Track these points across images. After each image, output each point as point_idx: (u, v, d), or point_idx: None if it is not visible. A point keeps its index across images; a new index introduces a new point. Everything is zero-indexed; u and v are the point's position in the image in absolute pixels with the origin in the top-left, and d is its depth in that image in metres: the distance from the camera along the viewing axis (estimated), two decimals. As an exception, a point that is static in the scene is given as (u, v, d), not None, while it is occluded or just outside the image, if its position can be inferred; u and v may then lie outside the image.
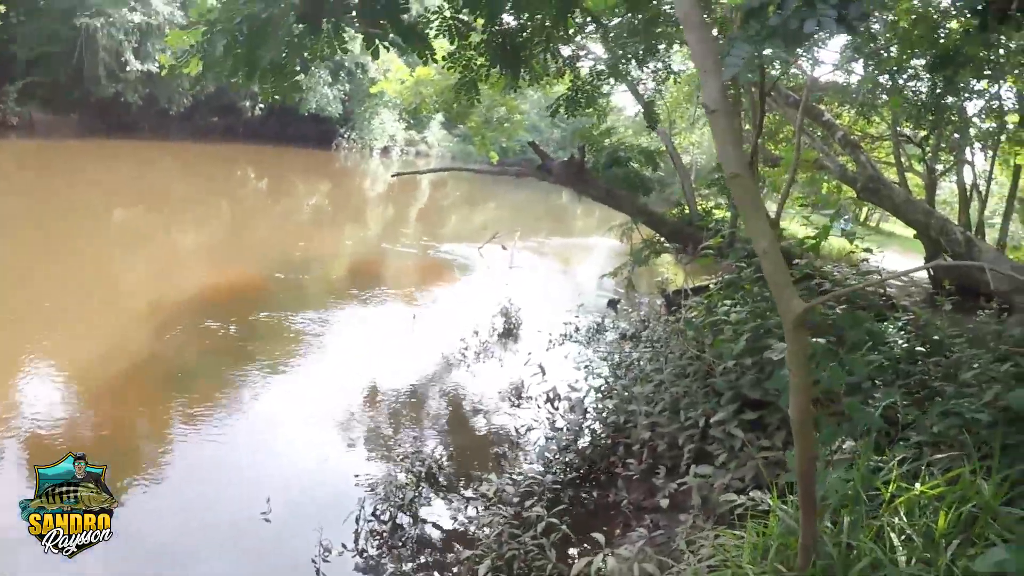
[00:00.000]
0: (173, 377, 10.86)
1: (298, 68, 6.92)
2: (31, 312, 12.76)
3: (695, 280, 15.08)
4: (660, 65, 13.80)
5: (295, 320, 13.90)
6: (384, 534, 7.14)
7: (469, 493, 8.05)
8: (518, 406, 10.89)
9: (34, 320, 12.44)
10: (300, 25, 6.28)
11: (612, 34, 11.89)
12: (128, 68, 40.70)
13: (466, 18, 8.65)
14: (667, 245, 16.27)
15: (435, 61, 8.65)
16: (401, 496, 7.45)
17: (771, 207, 17.53)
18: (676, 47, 14.51)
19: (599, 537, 6.03)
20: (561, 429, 9.53)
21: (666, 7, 11.73)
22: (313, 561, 6.66)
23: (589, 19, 11.53)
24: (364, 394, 11.01)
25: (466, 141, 61.54)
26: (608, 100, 15.80)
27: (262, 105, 49.31)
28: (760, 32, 3.57)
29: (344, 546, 6.88)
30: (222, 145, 47.62)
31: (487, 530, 6.75)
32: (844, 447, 5.47)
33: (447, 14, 8.36)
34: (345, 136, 59.42)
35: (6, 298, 13.58)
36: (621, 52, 11.85)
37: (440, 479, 8.28)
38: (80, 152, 37.07)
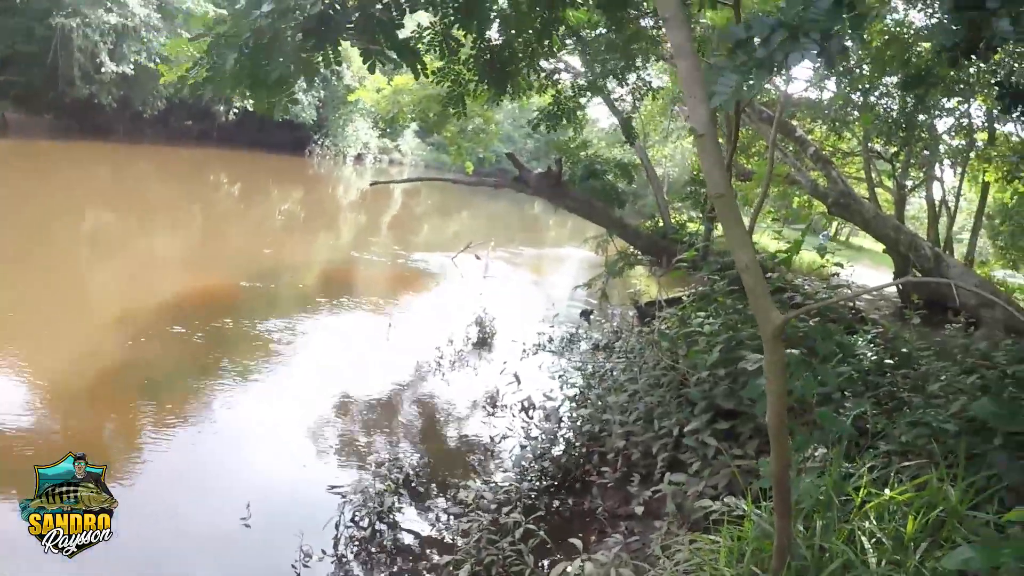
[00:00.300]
0: (143, 385, 10.75)
1: (301, 83, 7.03)
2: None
3: (668, 292, 15.26)
4: (639, 81, 14.02)
5: (268, 328, 13.86)
6: (363, 540, 7.20)
7: (446, 500, 8.13)
8: (493, 415, 10.97)
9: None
10: (306, 41, 6.39)
11: (591, 49, 12.09)
12: (103, 70, 40.28)
13: (456, 34, 8.81)
14: (641, 257, 16.49)
15: (426, 76, 8.83)
16: (380, 502, 7.52)
17: (744, 220, 17.80)
18: (651, 61, 14.75)
19: (576, 543, 6.16)
20: (536, 438, 9.66)
21: (645, 20, 11.97)
22: (293, 566, 6.72)
23: (570, 34, 11.73)
24: (340, 402, 11.03)
25: (440, 150, 61.61)
26: (584, 113, 15.97)
27: (236, 110, 49.11)
28: (747, 63, 3.77)
29: (324, 552, 6.93)
30: (196, 149, 47.24)
31: (465, 536, 6.86)
32: (816, 455, 5.64)
33: (438, 30, 8.52)
34: (319, 143, 59.22)
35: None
36: (600, 68, 12.06)
37: (417, 486, 8.36)
38: (53, 153, 36.73)
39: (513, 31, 9.47)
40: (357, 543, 7.17)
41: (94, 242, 21.25)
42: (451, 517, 7.69)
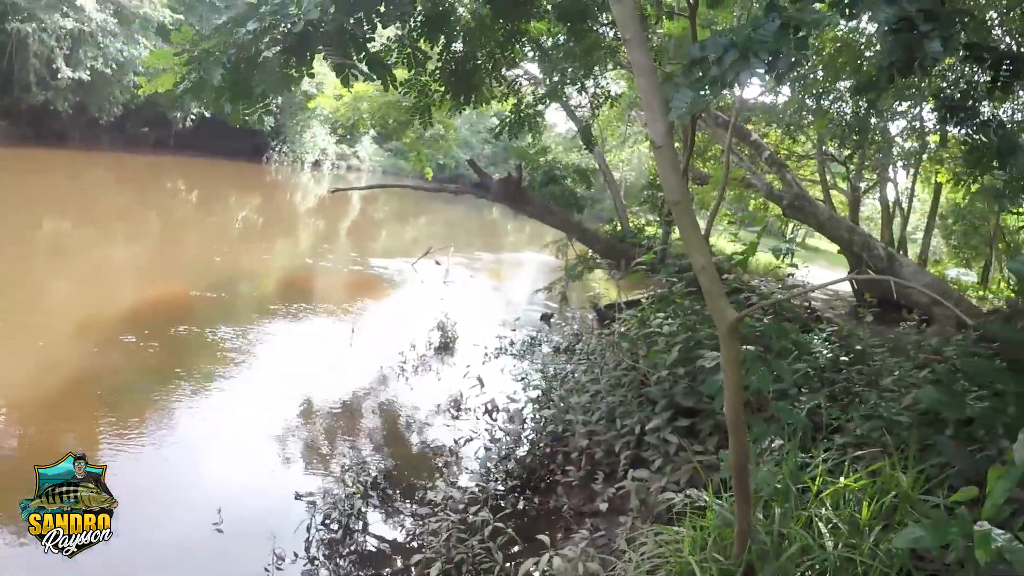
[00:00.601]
0: (104, 395, 10.72)
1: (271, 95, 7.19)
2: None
3: (627, 295, 15.45)
4: (598, 89, 14.28)
5: (229, 336, 13.84)
6: (335, 542, 7.29)
7: (415, 501, 8.22)
8: (458, 418, 11.07)
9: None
10: (286, 56, 6.57)
11: (551, 58, 12.31)
12: (59, 75, 39.75)
13: (423, 47, 9.06)
14: (600, 261, 16.69)
15: (395, 87, 9.04)
16: (350, 505, 7.62)
17: (700, 223, 18.08)
18: (610, 68, 15.01)
19: (544, 539, 6.30)
20: (500, 439, 9.81)
21: (603, 30, 12.19)
22: (267, 569, 6.80)
23: (530, 44, 11.96)
24: (306, 408, 11.08)
25: (397, 156, 61.65)
26: (543, 119, 16.21)
27: (193, 117, 48.74)
28: (702, 79, 4.10)
29: (296, 554, 7.01)
30: (153, 156, 46.74)
31: (435, 536, 6.97)
32: (773, 446, 5.84)
33: (406, 43, 8.78)
34: (276, 149, 58.87)
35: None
36: (560, 76, 12.32)
37: (386, 488, 8.44)
38: (7, 159, 36.24)
39: (477, 43, 9.71)
40: (329, 545, 7.26)
41: (50, 250, 21.02)
42: (420, 518, 7.77)
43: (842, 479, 4.96)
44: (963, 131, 8.96)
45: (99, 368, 11.68)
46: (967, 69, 14.92)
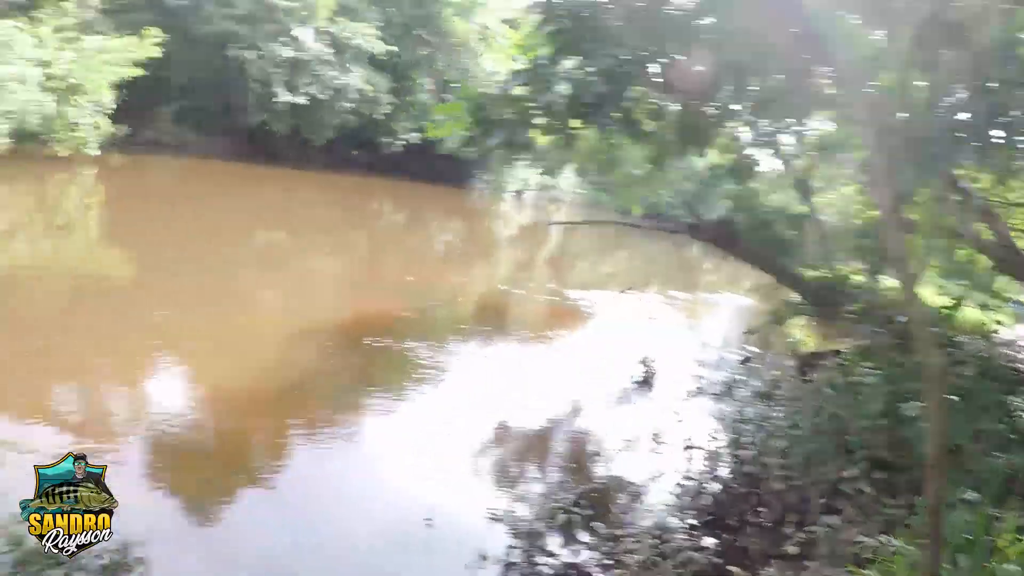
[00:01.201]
0: (317, 396, 11.83)
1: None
2: (157, 322, 13.86)
3: (827, 343, 15.43)
4: (812, 138, 14.50)
5: (427, 353, 14.67)
6: (534, 551, 7.79)
7: (610, 524, 8.58)
8: (655, 451, 11.34)
9: (162, 331, 13.45)
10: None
11: (767, 107, 12.69)
12: (277, 99, 42.63)
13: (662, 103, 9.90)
14: (805, 307, 16.70)
15: (641, 142, 9.89)
16: (551, 519, 8.17)
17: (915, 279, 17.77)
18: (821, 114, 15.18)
19: (736, 571, 6.66)
20: (696, 477, 10.14)
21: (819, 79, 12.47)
22: (467, 567, 7.39)
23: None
24: (508, 428, 11.67)
25: (597, 189, 61.79)
26: (759, 164, 16.51)
27: (404, 141, 50.81)
28: (923, 160, 4.50)
29: (497, 557, 7.57)
30: (361, 177, 48.92)
31: (629, 554, 7.42)
32: (966, 497, 6.02)
33: (649, 100, 9.65)
34: (480, 177, 60.21)
35: (137, 307, 14.94)
36: (775, 126, 12.68)
37: (585, 508, 8.79)
38: (227, 174, 39.55)
39: (707, 97, 10.41)
40: (528, 554, 7.76)
41: (262, 257, 22.88)
42: (615, 539, 8.13)
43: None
44: None
45: (310, 372, 12.81)
46: None
